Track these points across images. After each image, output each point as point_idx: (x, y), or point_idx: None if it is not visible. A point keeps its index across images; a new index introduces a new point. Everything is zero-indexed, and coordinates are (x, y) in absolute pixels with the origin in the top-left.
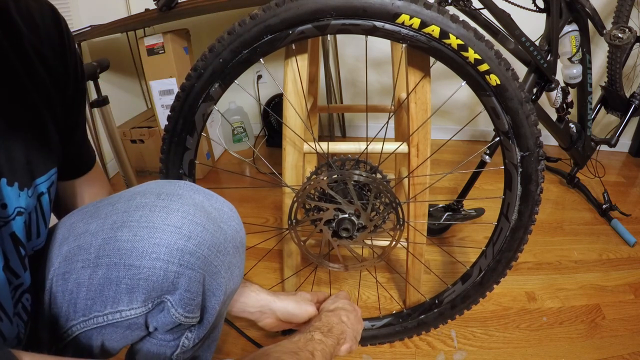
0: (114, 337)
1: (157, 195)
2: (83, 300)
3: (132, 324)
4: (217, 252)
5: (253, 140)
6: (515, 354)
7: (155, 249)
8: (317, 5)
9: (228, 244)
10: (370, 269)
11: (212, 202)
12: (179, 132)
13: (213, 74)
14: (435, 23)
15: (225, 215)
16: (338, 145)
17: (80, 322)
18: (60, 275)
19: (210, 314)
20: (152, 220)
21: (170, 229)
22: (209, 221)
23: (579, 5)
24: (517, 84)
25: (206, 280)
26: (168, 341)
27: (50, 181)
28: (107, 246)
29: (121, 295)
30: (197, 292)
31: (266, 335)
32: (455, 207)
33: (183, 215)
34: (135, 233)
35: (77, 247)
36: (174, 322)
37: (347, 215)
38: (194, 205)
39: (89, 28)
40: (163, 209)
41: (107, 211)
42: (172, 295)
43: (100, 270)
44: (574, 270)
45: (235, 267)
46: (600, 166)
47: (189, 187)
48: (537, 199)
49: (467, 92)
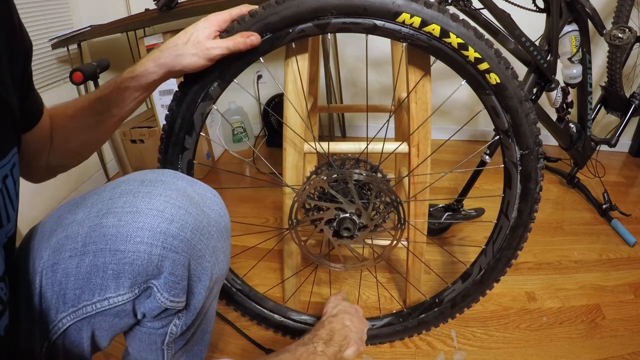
0: (103, 325)
1: (141, 182)
2: (72, 290)
3: (120, 311)
4: (200, 235)
5: (253, 140)
6: (515, 354)
7: (139, 233)
8: (318, 3)
9: (212, 227)
10: (371, 268)
11: (195, 187)
12: (177, 132)
13: (212, 73)
14: (436, 22)
15: (208, 200)
16: (338, 145)
17: (70, 313)
18: (49, 268)
19: (197, 299)
20: (136, 205)
21: (153, 213)
22: (192, 205)
23: (579, 5)
24: (517, 82)
25: (191, 263)
26: (157, 329)
27: (12, 162)
28: (94, 233)
29: (108, 281)
30: (181, 275)
31: (266, 335)
32: (455, 207)
33: (165, 200)
34: (120, 218)
35: (65, 237)
36: (160, 307)
37: (348, 215)
38: (176, 190)
39: (89, 28)
40: (146, 194)
41: (93, 200)
42: (157, 280)
43: (87, 258)
44: (574, 270)
45: (220, 252)
46: (600, 166)
47: (172, 174)
48: (536, 197)
49: (467, 91)
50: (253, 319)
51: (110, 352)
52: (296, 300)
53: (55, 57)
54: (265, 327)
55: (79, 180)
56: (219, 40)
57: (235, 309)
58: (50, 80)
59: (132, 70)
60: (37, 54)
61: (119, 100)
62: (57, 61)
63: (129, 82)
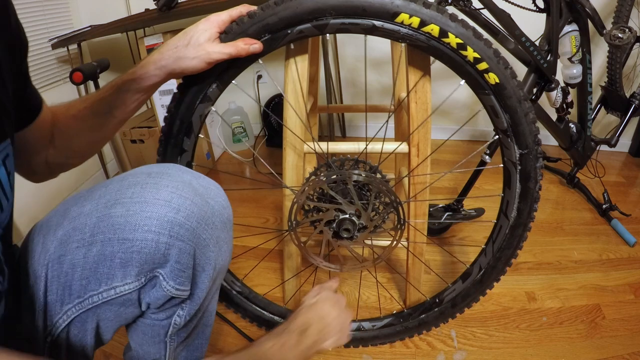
0: (108, 315)
1: (148, 175)
2: (78, 280)
3: (126, 300)
4: (205, 225)
5: (253, 141)
6: (515, 354)
7: (147, 222)
8: (316, 4)
9: (215, 218)
10: (371, 269)
11: (200, 180)
12: (175, 134)
13: (210, 75)
14: (435, 22)
15: (212, 192)
16: (338, 145)
17: (75, 304)
18: (55, 260)
19: (201, 289)
20: (144, 195)
21: (161, 203)
22: (197, 196)
23: (579, 5)
24: (516, 82)
25: (196, 253)
26: (160, 320)
27: (5, 153)
28: (102, 224)
29: (115, 270)
30: (187, 264)
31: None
32: (455, 207)
33: (172, 190)
34: (128, 208)
35: (72, 229)
36: (166, 295)
37: (347, 216)
38: (182, 182)
39: (89, 28)
40: (154, 185)
41: (100, 192)
42: (163, 269)
43: (95, 248)
44: (574, 270)
45: (223, 243)
46: (600, 166)
47: (177, 168)
48: (536, 196)
49: (467, 91)
50: (253, 321)
51: (110, 352)
52: (296, 301)
53: (55, 57)
54: (266, 329)
55: (79, 180)
56: (220, 45)
57: (236, 311)
58: (50, 80)
59: (133, 72)
60: (37, 54)
61: (120, 102)
62: (57, 61)
63: (130, 85)
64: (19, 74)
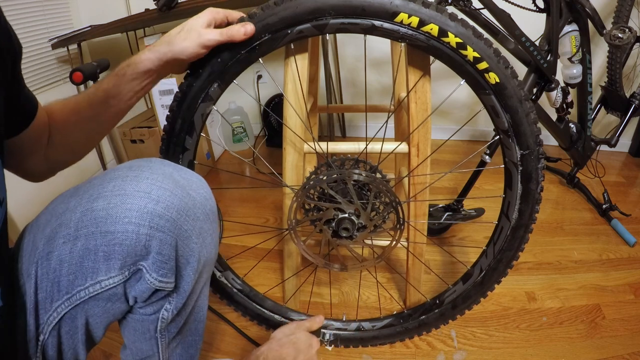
0: (96, 311)
1: (129, 168)
2: (66, 276)
3: (112, 294)
4: (186, 216)
5: (253, 140)
6: (515, 354)
7: (127, 214)
8: (316, 4)
9: (197, 209)
10: (370, 269)
11: (181, 173)
12: (177, 133)
13: (212, 74)
14: (434, 21)
15: (194, 184)
16: (338, 145)
17: (64, 300)
18: (44, 257)
19: (186, 281)
20: (124, 188)
21: (140, 195)
22: (177, 187)
23: (579, 5)
24: (516, 82)
25: (178, 244)
26: (149, 315)
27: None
28: (85, 218)
29: (99, 264)
30: (169, 255)
31: (266, 335)
32: (455, 207)
33: (152, 182)
34: (109, 201)
35: (59, 225)
36: (150, 288)
37: (346, 215)
38: (162, 174)
39: (89, 28)
40: (134, 178)
41: (84, 188)
42: (145, 261)
43: (79, 242)
44: (574, 270)
45: (207, 234)
46: (600, 166)
47: (159, 161)
48: (537, 197)
49: (467, 91)
50: (253, 319)
51: (110, 352)
52: (296, 301)
53: (55, 57)
54: (266, 327)
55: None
56: (214, 30)
57: (236, 309)
58: (50, 80)
59: (129, 59)
60: (37, 54)
61: (116, 90)
62: (57, 61)
63: (125, 69)
64: (12, 81)
